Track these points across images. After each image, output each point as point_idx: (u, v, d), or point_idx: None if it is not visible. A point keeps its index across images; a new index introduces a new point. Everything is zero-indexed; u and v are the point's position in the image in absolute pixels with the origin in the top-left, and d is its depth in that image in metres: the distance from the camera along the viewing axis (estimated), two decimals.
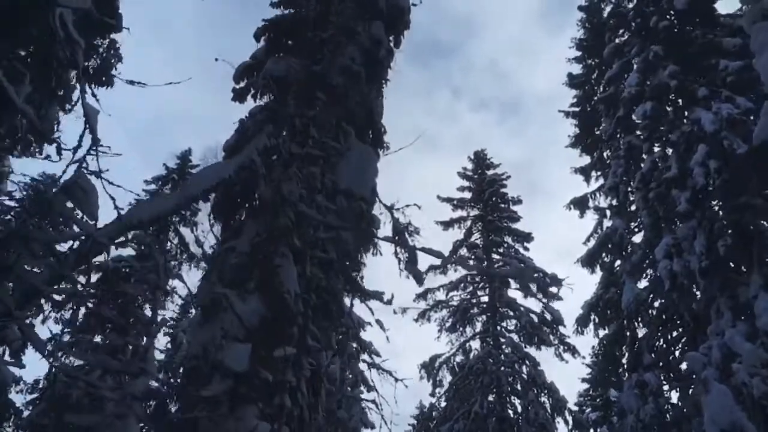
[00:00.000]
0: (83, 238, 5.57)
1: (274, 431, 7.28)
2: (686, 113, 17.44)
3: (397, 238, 7.90)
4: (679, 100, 18.07)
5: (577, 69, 25.67)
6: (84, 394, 12.84)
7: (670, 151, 17.12)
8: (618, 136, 20.56)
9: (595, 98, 23.99)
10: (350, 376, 16.19)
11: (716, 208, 15.58)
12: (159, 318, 22.10)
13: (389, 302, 10.67)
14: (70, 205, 5.80)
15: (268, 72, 10.08)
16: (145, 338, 19.20)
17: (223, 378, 5.78)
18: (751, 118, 15.44)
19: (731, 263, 15.14)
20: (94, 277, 22.50)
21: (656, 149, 18.26)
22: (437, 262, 27.23)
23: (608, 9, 23.27)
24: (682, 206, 15.32)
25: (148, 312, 23.52)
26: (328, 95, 8.21)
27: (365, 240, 8.79)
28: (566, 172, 24.23)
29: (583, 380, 38.20)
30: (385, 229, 8.24)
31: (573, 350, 24.31)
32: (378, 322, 14.90)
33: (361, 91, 8.50)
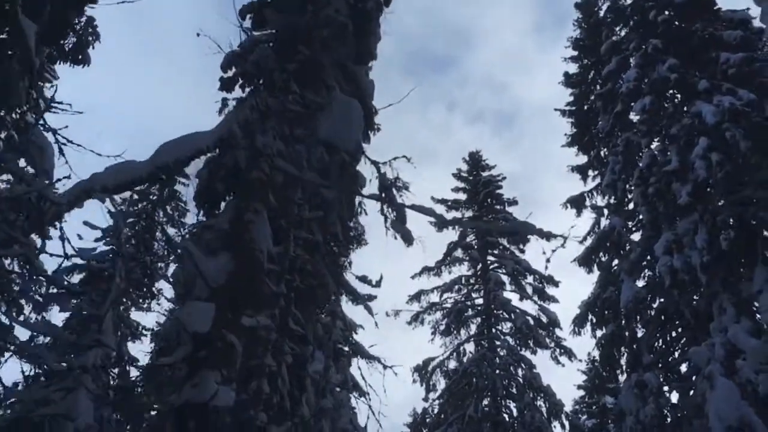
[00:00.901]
0: (36, 198, 5.04)
1: (252, 418, 6.75)
2: (686, 107, 17.01)
3: (383, 194, 7.37)
4: (679, 94, 17.66)
5: (573, 68, 25.26)
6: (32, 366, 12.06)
7: (669, 145, 16.64)
8: (616, 132, 20.13)
9: (592, 97, 23.60)
10: (338, 375, 15.61)
11: (718, 201, 15.09)
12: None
13: (378, 284, 10.11)
14: (22, 163, 5.26)
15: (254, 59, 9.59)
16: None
17: (186, 344, 5.24)
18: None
19: (734, 258, 14.66)
20: (77, 278, 21.93)
21: (655, 144, 17.78)
22: (431, 263, 26.76)
23: (605, 6, 22.85)
24: (683, 199, 14.85)
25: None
26: (311, 48, 7.70)
27: (349, 198, 8.25)
28: (562, 185, 23.86)
29: (579, 387, 37.64)
30: (373, 188, 7.67)
31: (569, 353, 23.76)
32: (366, 306, 14.35)
33: (348, 47, 7.99)
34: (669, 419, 15.64)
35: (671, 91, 17.89)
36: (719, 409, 11.10)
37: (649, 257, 18.13)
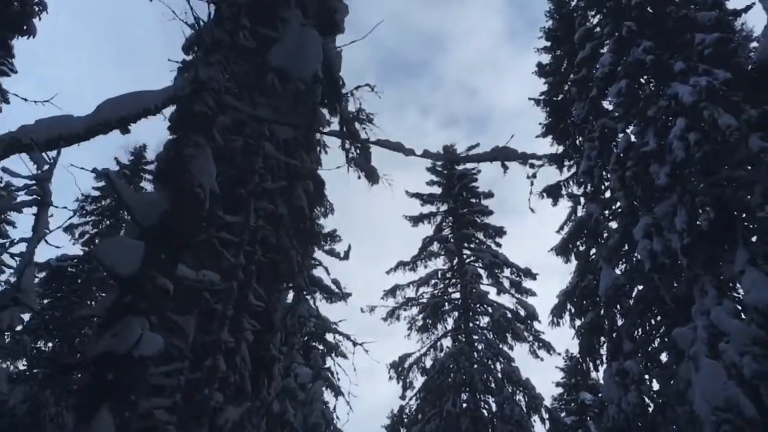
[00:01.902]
0: None
1: (206, 398, 6.12)
2: (663, 89, 16.72)
3: (344, 128, 6.77)
4: (655, 77, 17.37)
5: (546, 59, 24.95)
6: None
7: (647, 128, 16.32)
8: (591, 118, 19.80)
9: (567, 86, 23.30)
10: (311, 369, 15.04)
11: (697, 182, 14.78)
12: None
13: (346, 256, 9.51)
14: None
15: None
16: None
17: (111, 293, 4.61)
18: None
19: (714, 239, 14.33)
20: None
21: (632, 128, 17.47)
22: (406, 258, 26.22)
23: None
24: (661, 180, 14.52)
25: None
26: None
27: (307, 136, 7.64)
28: (535, 190, 23.36)
29: (558, 384, 37.43)
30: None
31: (548, 347, 23.39)
32: (335, 282, 13.76)
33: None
34: (651, 407, 15.29)
35: (647, 75, 17.61)
36: (705, 391, 10.69)
37: (627, 245, 17.83)
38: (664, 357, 17.23)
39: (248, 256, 7.49)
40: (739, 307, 13.24)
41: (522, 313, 23.49)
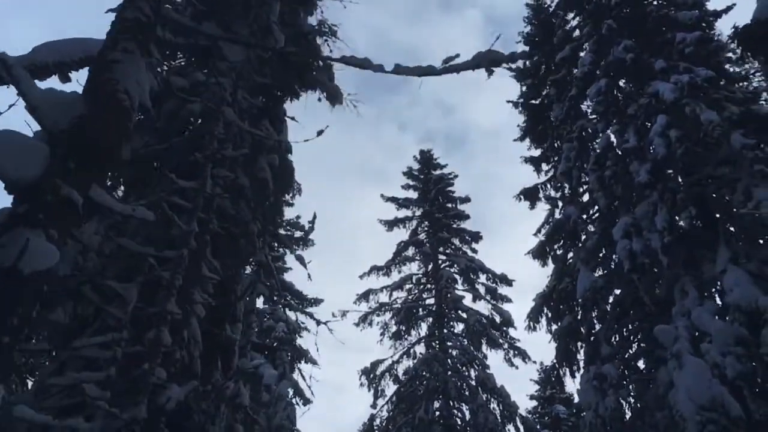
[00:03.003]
0: None
1: (146, 373, 5.42)
2: (643, 88, 16.42)
3: (302, 41, 6.15)
4: (635, 77, 17.07)
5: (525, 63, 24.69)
6: None
7: (627, 126, 15.98)
8: (570, 119, 19.48)
9: (545, 91, 23.03)
10: (277, 370, 14.32)
11: (678, 179, 14.44)
12: None
13: (312, 225, 8.85)
14: None
15: None
16: None
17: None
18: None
19: (695, 239, 13.98)
20: None
21: (612, 129, 17.12)
22: (380, 263, 25.58)
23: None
24: (642, 177, 14.14)
25: None
26: None
27: (258, 55, 7.00)
28: (511, 208, 23.11)
29: (532, 397, 37.02)
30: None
31: (524, 355, 22.85)
32: (299, 258, 13.17)
33: None
34: (630, 413, 14.81)
35: (627, 74, 17.33)
36: (690, 390, 10.20)
37: (605, 247, 17.43)
38: (641, 364, 16.89)
39: (202, 224, 6.84)
40: (723, 307, 12.83)
41: (497, 319, 22.98)
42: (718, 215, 13.79)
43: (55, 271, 4.79)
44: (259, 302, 24.01)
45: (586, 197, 19.73)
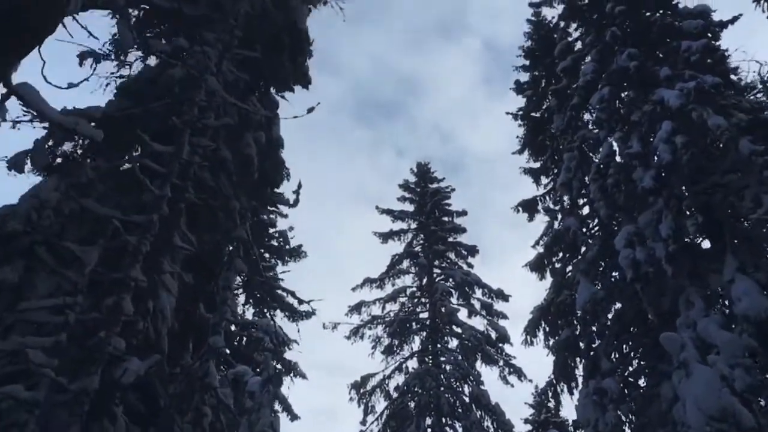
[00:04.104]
0: None
1: (101, 342, 4.84)
2: (647, 96, 16.02)
3: None
4: (639, 85, 16.68)
5: (525, 77, 24.34)
6: None
7: (631, 133, 15.55)
8: (571, 130, 19.06)
9: (546, 101, 22.69)
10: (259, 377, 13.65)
11: (684, 187, 13.97)
12: None
13: (297, 195, 8.33)
14: None
15: None
16: None
17: None
18: None
19: (700, 247, 13.49)
20: None
21: (615, 135, 16.68)
22: (374, 275, 24.93)
23: (561, 8, 21.99)
24: (646, 183, 13.66)
25: None
26: None
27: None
28: (506, 233, 22.74)
29: (526, 421, 36.12)
30: None
31: (519, 373, 22.14)
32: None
33: None
34: (631, 430, 14.17)
35: (631, 83, 16.93)
36: (699, 399, 9.59)
37: (606, 258, 16.90)
38: (642, 382, 16.27)
39: (177, 191, 6.31)
40: (730, 318, 12.28)
41: (493, 335, 22.31)
42: (724, 223, 13.28)
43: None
44: (249, 314, 23.41)
45: (585, 210, 19.26)
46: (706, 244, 13.77)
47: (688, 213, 13.23)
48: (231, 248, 9.35)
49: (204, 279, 7.23)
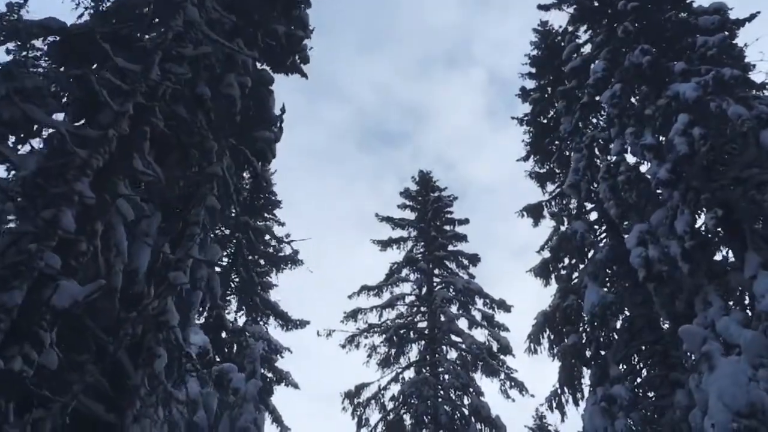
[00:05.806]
0: None
1: (30, 256, 4.04)
2: (661, 91, 15.33)
3: None
4: (653, 81, 16.00)
5: (531, 84, 23.74)
6: None
7: (644, 129, 14.82)
8: (579, 131, 18.38)
9: (551, 113, 22.08)
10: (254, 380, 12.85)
11: (701, 183, 13.20)
12: None
13: (278, 134, 7.53)
14: None
15: None
16: None
17: None
18: None
19: (718, 243, 12.70)
20: None
21: (628, 131, 15.94)
22: (372, 282, 24.01)
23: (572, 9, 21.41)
24: (662, 174, 12.89)
25: None
26: None
27: None
28: (508, 264, 21.97)
29: None
30: None
31: (521, 386, 21.10)
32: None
33: None
34: None
35: (644, 79, 16.25)
36: (723, 394, 8.71)
37: (616, 261, 16.07)
38: (651, 393, 15.36)
39: (142, 110, 5.56)
40: (752, 316, 11.43)
41: (494, 346, 21.35)
42: (744, 219, 12.48)
43: None
44: (240, 321, 22.54)
45: (593, 216, 18.51)
46: (723, 240, 12.94)
47: (707, 207, 12.42)
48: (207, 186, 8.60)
49: (173, 218, 6.48)
